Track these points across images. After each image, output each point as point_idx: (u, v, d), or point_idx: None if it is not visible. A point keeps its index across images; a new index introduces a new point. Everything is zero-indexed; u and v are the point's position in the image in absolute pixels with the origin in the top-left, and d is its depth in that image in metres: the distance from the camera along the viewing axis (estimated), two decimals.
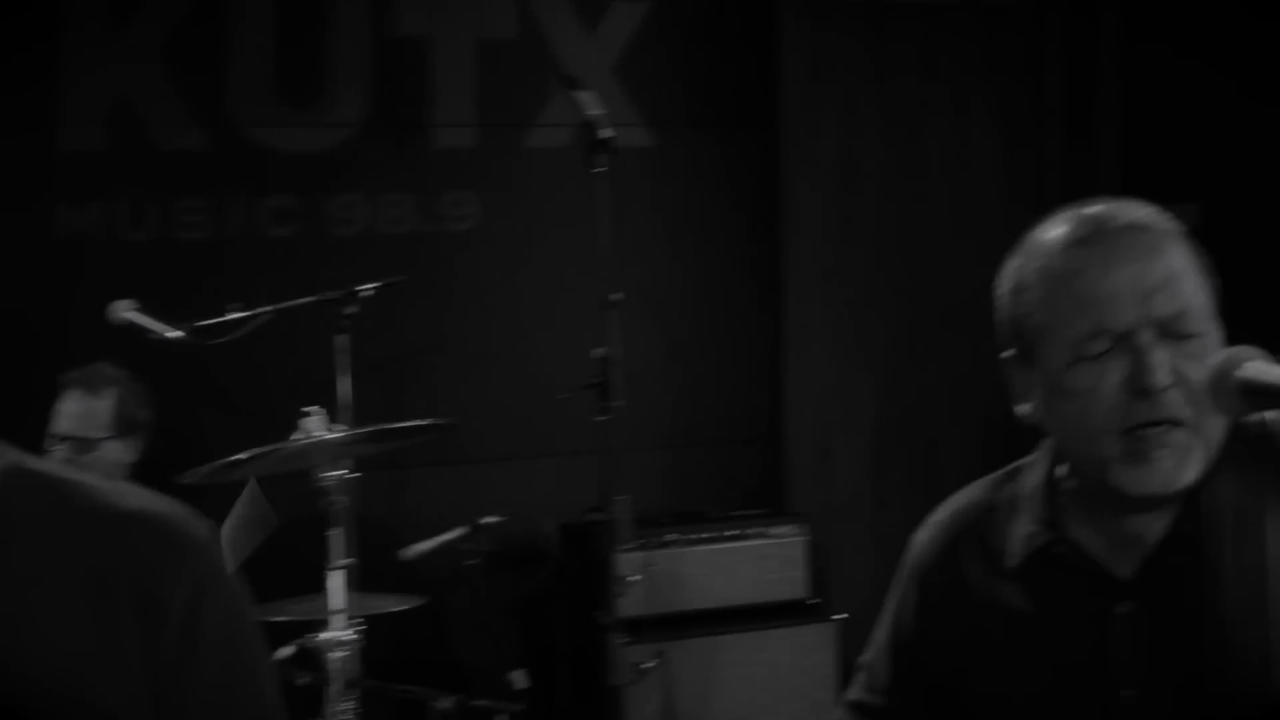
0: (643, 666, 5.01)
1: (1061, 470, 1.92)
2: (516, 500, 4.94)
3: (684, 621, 5.14)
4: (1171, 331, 1.76)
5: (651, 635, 5.01)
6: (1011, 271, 1.90)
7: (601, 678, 4.00)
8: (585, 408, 3.88)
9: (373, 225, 5.19)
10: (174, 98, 4.98)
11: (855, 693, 2.17)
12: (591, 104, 3.91)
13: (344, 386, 4.23)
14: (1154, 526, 1.85)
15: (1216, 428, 1.79)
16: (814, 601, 5.23)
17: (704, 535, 5.21)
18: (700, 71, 5.61)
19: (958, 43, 5.94)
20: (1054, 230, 1.86)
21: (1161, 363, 1.75)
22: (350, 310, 4.26)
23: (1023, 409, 1.91)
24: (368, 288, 4.31)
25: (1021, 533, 1.93)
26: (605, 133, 3.84)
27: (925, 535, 2.07)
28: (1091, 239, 1.80)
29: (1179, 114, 5.64)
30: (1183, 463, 1.77)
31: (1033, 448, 2.04)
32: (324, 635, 3.85)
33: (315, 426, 3.78)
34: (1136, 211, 1.84)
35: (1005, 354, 1.92)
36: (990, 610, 1.95)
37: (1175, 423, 1.76)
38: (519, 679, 4.27)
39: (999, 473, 2.04)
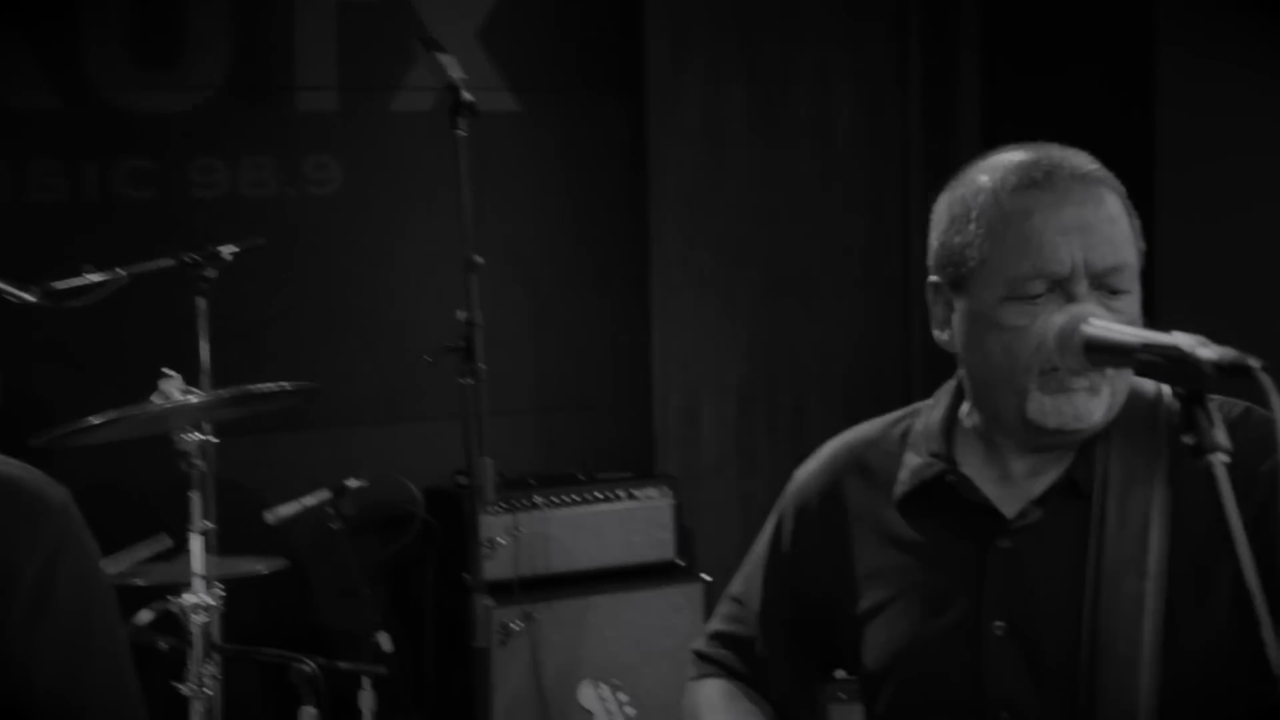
0: (510, 628, 5.02)
1: (964, 409, 1.97)
2: (381, 464, 4.91)
3: (551, 584, 5.16)
4: (1105, 285, 1.81)
5: (519, 597, 5.02)
6: (953, 201, 1.91)
7: (468, 640, 3.99)
8: (449, 371, 3.87)
9: (233, 189, 5.12)
10: (26, 55, 4.87)
11: (717, 624, 2.19)
12: (454, 67, 3.88)
13: (204, 350, 4.18)
14: (1046, 471, 1.90)
15: (1124, 384, 1.84)
16: (680, 563, 5.28)
17: (571, 498, 5.23)
18: (565, 36, 5.60)
19: (821, 7, 5.99)
20: (1005, 167, 1.87)
21: (1054, 329, 1.79)
22: (210, 273, 4.21)
23: (941, 336, 1.94)
24: (228, 250, 4.26)
25: (913, 464, 1.97)
26: (468, 96, 3.82)
27: (810, 466, 2.10)
28: (1044, 183, 1.82)
29: (1040, 78, 5.73)
30: (1095, 403, 1.82)
31: (893, 409, 2.09)
32: (185, 599, 3.82)
33: (173, 390, 3.74)
34: (1087, 163, 1.87)
35: (932, 279, 1.94)
36: (870, 539, 1.99)
37: (1097, 370, 1.81)
38: (384, 642, 4.26)
39: (892, 413, 2.08)
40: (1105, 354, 1.59)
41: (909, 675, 1.95)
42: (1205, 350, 1.43)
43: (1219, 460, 1.42)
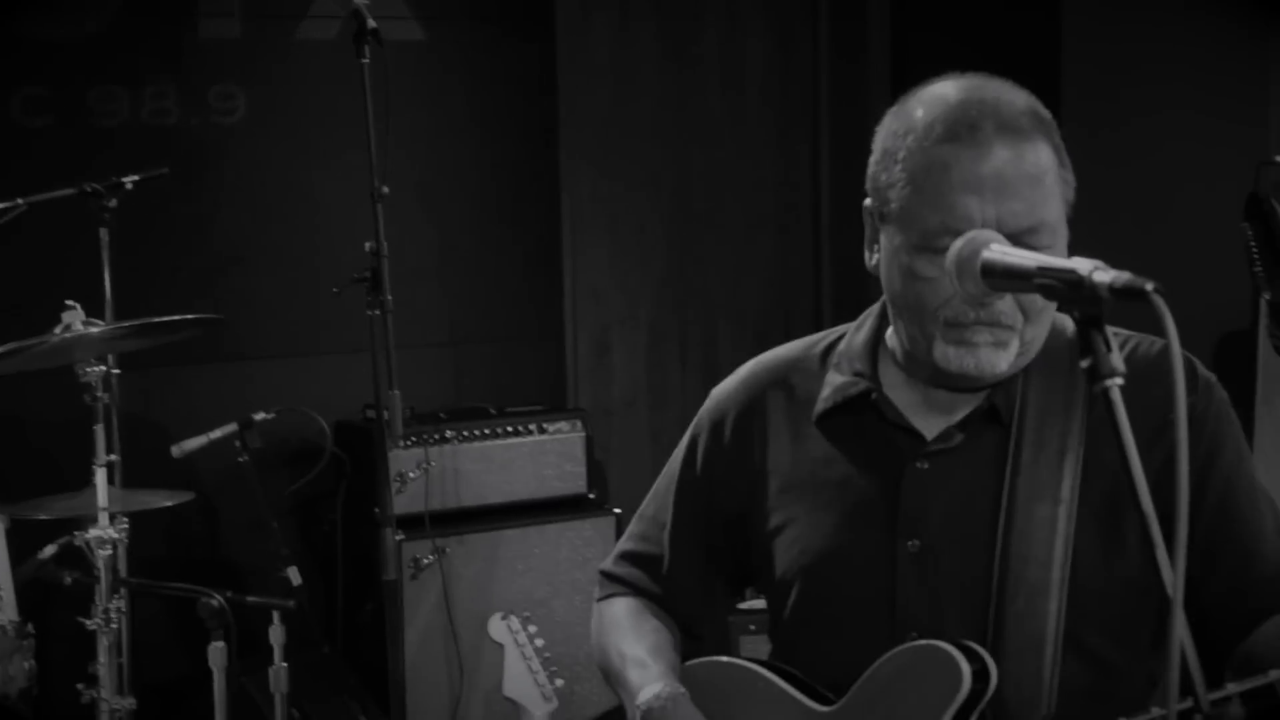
0: (421, 562, 5.01)
1: (889, 332, 1.98)
2: (289, 397, 4.87)
3: (462, 517, 5.16)
4: (1020, 243, 1.77)
5: (429, 532, 5.01)
6: (888, 133, 1.89)
7: (378, 574, 3.98)
8: (357, 303, 3.83)
9: (134, 117, 5.02)
10: None
11: (626, 543, 2.18)
12: None
13: (106, 281, 4.12)
14: (966, 397, 1.92)
15: (1041, 331, 1.85)
16: (592, 497, 5.29)
17: (482, 432, 5.21)
18: None
19: None
20: (935, 111, 1.84)
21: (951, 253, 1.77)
22: (112, 203, 4.15)
23: (869, 259, 1.94)
24: (130, 180, 4.19)
25: (836, 382, 1.98)
26: (372, 23, 3.76)
27: (727, 384, 2.11)
28: (967, 138, 1.79)
29: (949, 18, 5.75)
30: (1000, 355, 1.83)
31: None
32: (90, 533, 3.78)
33: (75, 321, 3.68)
34: (1020, 112, 1.83)
35: (866, 202, 1.93)
36: (788, 455, 2.00)
37: (1002, 324, 1.82)
38: (293, 576, 4.24)
39: (812, 335, 2.08)
40: (1003, 278, 1.60)
41: (819, 590, 1.96)
42: (1101, 274, 1.44)
43: (1115, 385, 1.43)
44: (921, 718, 1.80)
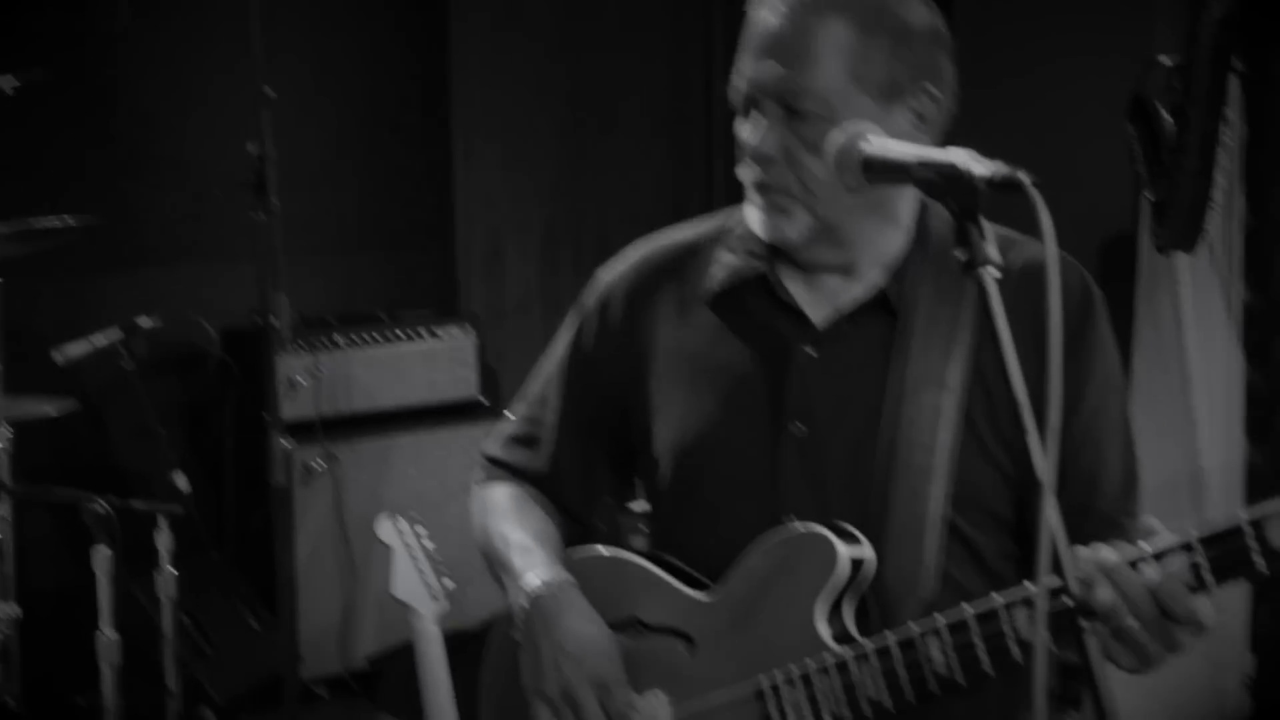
0: (312, 468, 4.99)
1: None
2: (176, 304, 4.81)
3: (353, 423, 5.13)
4: (791, 108, 1.81)
5: (320, 437, 4.99)
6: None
7: (268, 480, 3.96)
8: (243, 207, 3.78)
9: (13, 18, 4.89)
10: None
11: (509, 428, 2.16)
12: None
13: None
14: (854, 288, 1.91)
15: (837, 209, 1.84)
16: (484, 402, 5.28)
17: (372, 337, 5.18)
18: None
19: None
20: None
21: (767, 140, 1.83)
22: None
23: None
24: (9, 84, 4.09)
25: (729, 262, 1.97)
26: None
27: (614, 266, 2.08)
28: (767, 1, 1.84)
29: None
30: (788, 224, 1.85)
31: None
32: None
33: None
34: None
35: None
36: (676, 336, 1.99)
37: (776, 189, 1.84)
38: (180, 482, 4.20)
39: (705, 216, 2.07)
40: (882, 172, 1.60)
41: (699, 473, 1.96)
42: (978, 166, 1.45)
43: (989, 274, 1.44)
44: (801, 601, 1.82)
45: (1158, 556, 1.58)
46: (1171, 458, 3.21)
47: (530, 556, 2.00)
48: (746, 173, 1.87)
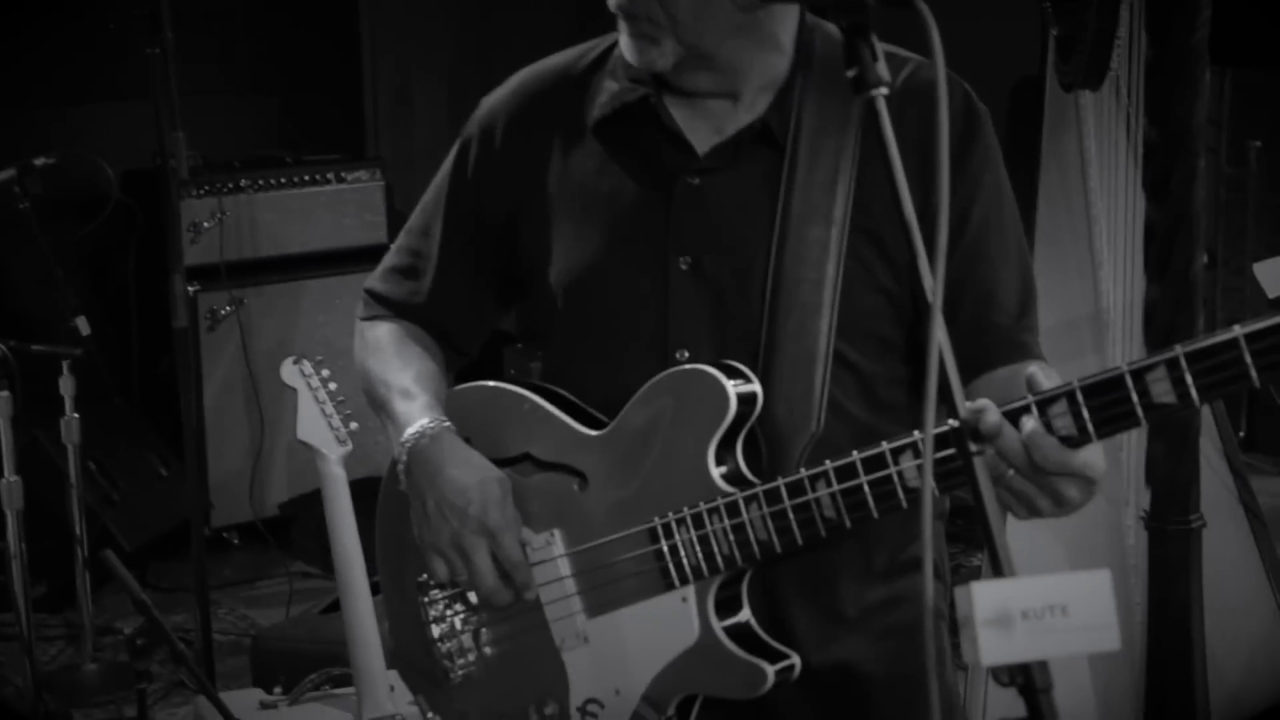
0: (218, 313, 4.94)
1: None
2: (73, 143, 4.69)
3: (260, 268, 5.09)
4: None
5: (226, 282, 4.93)
6: None
7: (173, 325, 3.91)
8: (138, 43, 3.68)
9: None
10: None
11: (392, 259, 2.11)
12: None
13: None
14: (738, 114, 1.87)
15: (710, 35, 1.81)
16: (392, 245, 5.22)
17: (279, 180, 5.11)
18: None
19: None
20: None
21: None
22: None
23: None
24: None
25: (614, 88, 1.92)
26: None
27: (499, 92, 2.02)
28: None
29: None
30: (653, 50, 1.81)
31: None
32: None
33: None
34: None
35: None
36: (561, 164, 1.94)
37: (640, 16, 1.80)
38: (81, 325, 4.14)
39: (587, 43, 2.01)
40: None
41: (587, 306, 1.93)
42: None
43: (879, 94, 1.42)
44: (691, 440, 1.81)
45: (1040, 407, 1.58)
46: (1075, 298, 3.22)
47: (410, 402, 1.96)
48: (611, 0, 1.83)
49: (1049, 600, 1.28)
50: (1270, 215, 5.46)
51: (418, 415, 1.94)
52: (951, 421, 1.41)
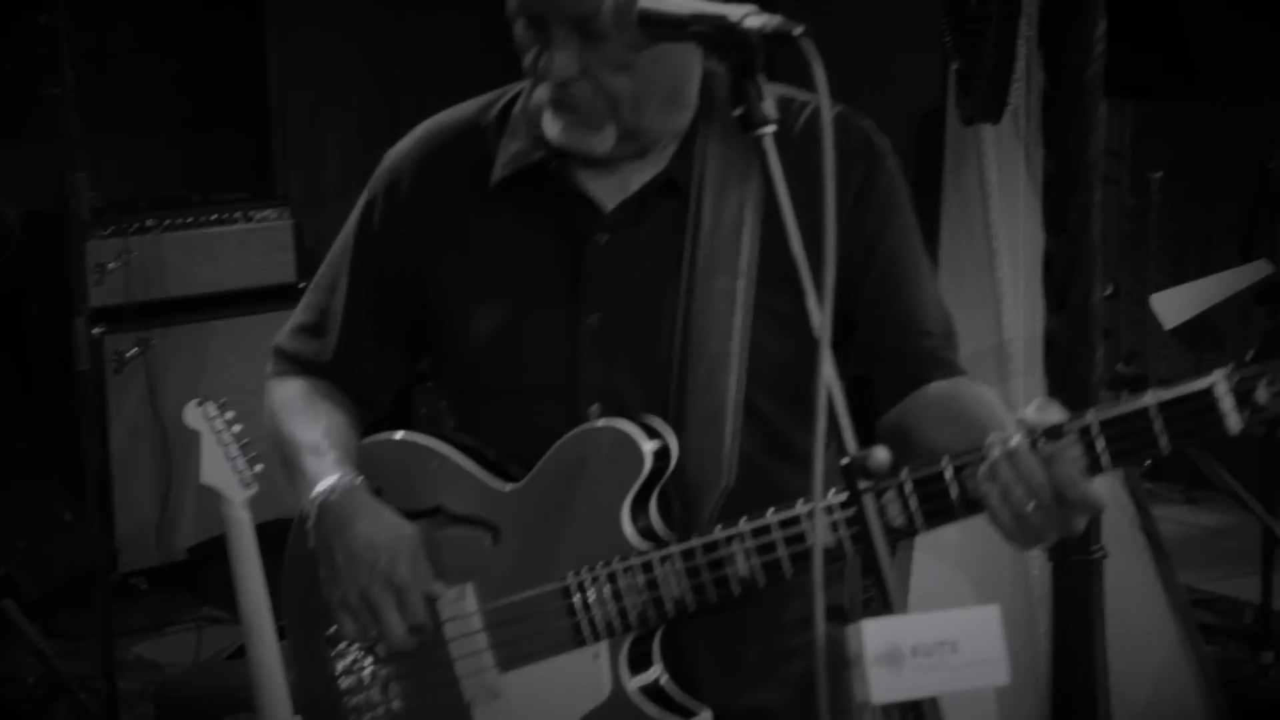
0: (124, 355, 4.88)
1: None
2: None
3: (168, 308, 5.03)
4: (589, 30, 1.74)
5: (132, 324, 4.87)
6: None
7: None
8: (37, 83, 3.64)
9: None
10: None
11: (299, 316, 2.10)
12: None
13: None
14: (643, 168, 1.87)
15: (652, 116, 1.81)
16: (302, 286, 5.17)
17: (185, 220, 5.06)
18: None
19: None
20: None
21: (563, 62, 1.75)
22: None
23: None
24: None
25: (515, 148, 1.91)
26: None
27: (402, 146, 2.01)
28: None
29: None
30: (594, 137, 1.80)
31: None
32: None
33: None
34: None
35: None
36: (466, 223, 1.93)
37: (588, 109, 1.78)
38: None
39: (489, 94, 2.00)
40: (659, 26, 1.56)
41: (499, 366, 1.92)
42: (752, 19, 1.42)
43: (766, 133, 1.42)
44: (605, 497, 1.81)
45: (1055, 435, 1.57)
46: (978, 329, 3.25)
47: (320, 460, 1.94)
48: (542, 91, 1.80)
49: (938, 636, 1.29)
50: (1172, 246, 5.54)
51: (328, 471, 1.93)
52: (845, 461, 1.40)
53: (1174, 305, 3.72)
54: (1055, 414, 1.59)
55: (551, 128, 1.82)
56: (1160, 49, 4.35)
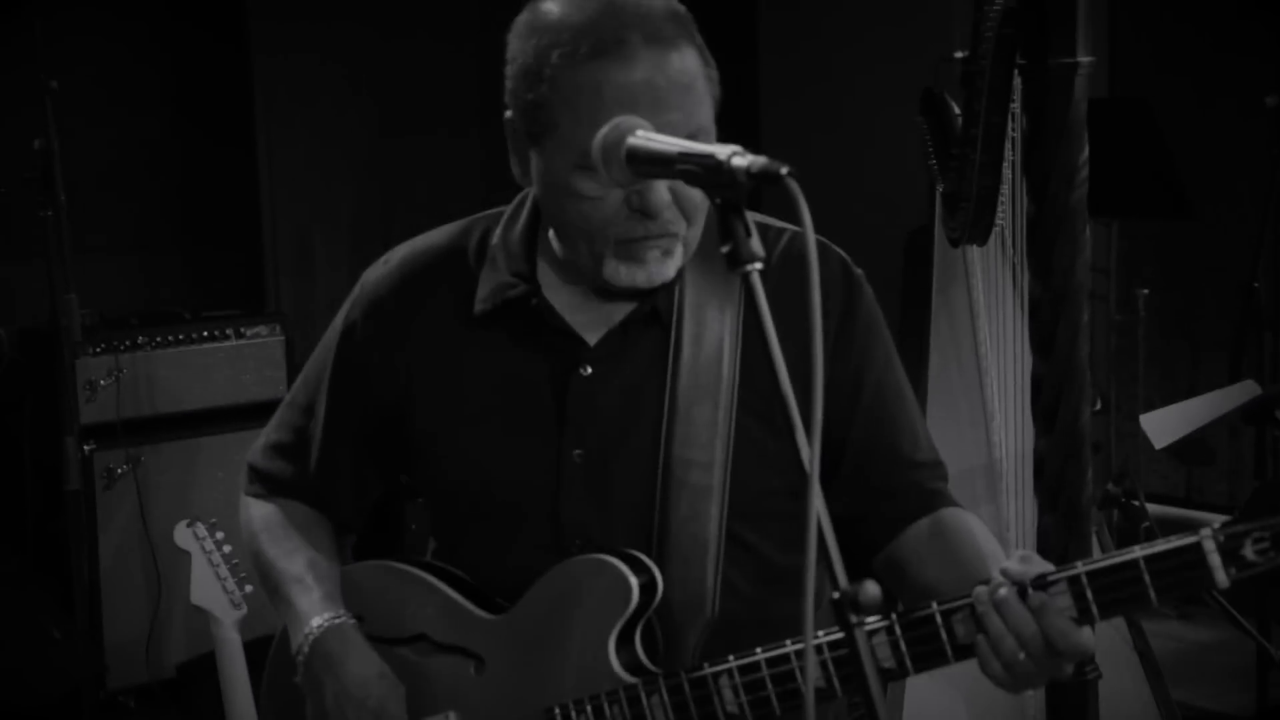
0: (115, 472, 4.87)
1: (550, 234, 1.89)
2: None
3: (158, 425, 5.02)
4: None
5: (123, 440, 4.87)
6: (527, 47, 1.79)
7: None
8: (30, 204, 3.67)
9: None
10: None
11: (275, 434, 2.09)
12: None
13: None
14: (627, 298, 1.87)
15: (697, 229, 1.82)
16: None
17: (177, 337, 5.07)
18: None
19: None
20: (577, 27, 1.75)
21: (663, 190, 1.75)
22: None
23: (517, 172, 1.87)
24: None
25: (495, 281, 1.91)
26: None
27: (381, 270, 2.00)
28: (614, 52, 1.72)
29: None
30: (667, 263, 1.80)
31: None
32: None
33: None
34: (657, 16, 1.76)
35: (508, 115, 1.85)
36: (447, 354, 1.93)
37: (669, 235, 1.79)
38: None
39: (464, 221, 2.00)
40: (646, 164, 1.58)
41: (481, 500, 1.92)
42: (739, 159, 1.44)
43: (754, 270, 1.43)
44: (592, 630, 1.81)
45: (1043, 585, 1.58)
46: (968, 447, 3.26)
47: (307, 594, 1.95)
48: (618, 229, 1.78)
49: None
50: (1160, 361, 5.57)
51: (318, 608, 1.94)
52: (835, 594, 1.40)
53: (1163, 426, 3.72)
54: (1038, 565, 1.60)
55: (623, 272, 1.80)
56: (1145, 170, 4.40)
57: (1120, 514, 3.52)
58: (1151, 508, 4.84)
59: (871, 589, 1.55)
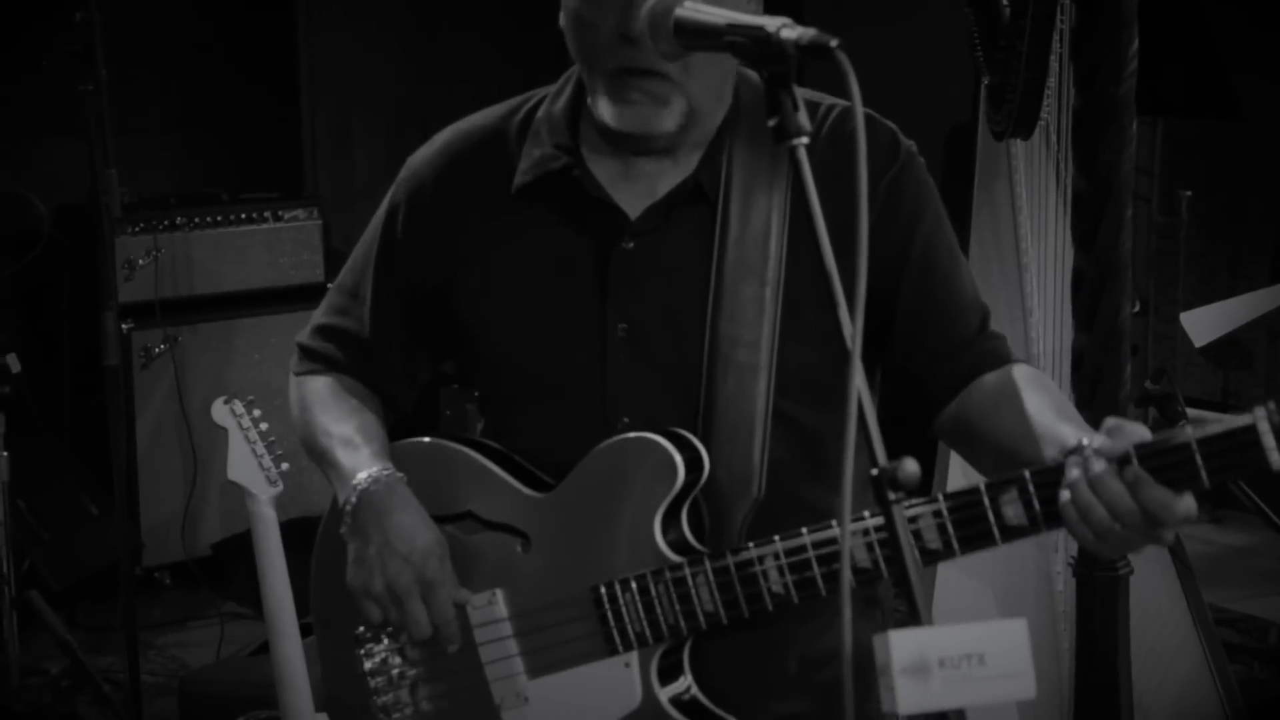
0: (152, 351, 4.90)
1: (590, 100, 1.86)
2: (3, 179, 4.66)
3: (195, 306, 5.05)
4: None
5: (160, 320, 4.89)
6: None
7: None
8: (70, 79, 3.66)
9: None
10: None
11: (323, 316, 2.10)
12: None
13: None
14: (671, 171, 1.86)
15: (702, 91, 1.79)
16: (330, 285, 5.19)
17: (215, 218, 5.08)
18: None
19: None
20: None
21: (632, 11, 1.69)
22: None
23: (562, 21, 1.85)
24: None
25: (537, 154, 1.90)
26: None
27: (424, 153, 2.00)
28: None
29: None
30: (659, 111, 1.77)
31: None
32: None
33: None
34: None
35: None
36: (490, 231, 1.92)
37: (656, 73, 1.75)
38: (12, 363, 4.09)
39: (513, 100, 1.99)
40: (694, 36, 1.56)
41: (526, 376, 1.92)
42: (788, 30, 1.42)
43: (800, 144, 1.42)
44: (638, 508, 1.81)
45: (1152, 454, 1.54)
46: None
47: (356, 452, 1.95)
48: (607, 58, 1.77)
49: (966, 649, 1.29)
50: (1200, 264, 5.53)
51: (366, 463, 1.93)
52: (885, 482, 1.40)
53: (1204, 324, 3.70)
54: (1129, 435, 1.56)
55: (612, 113, 1.79)
56: (1192, 68, 4.35)
57: (1158, 411, 3.50)
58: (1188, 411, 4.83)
59: (910, 466, 1.54)
